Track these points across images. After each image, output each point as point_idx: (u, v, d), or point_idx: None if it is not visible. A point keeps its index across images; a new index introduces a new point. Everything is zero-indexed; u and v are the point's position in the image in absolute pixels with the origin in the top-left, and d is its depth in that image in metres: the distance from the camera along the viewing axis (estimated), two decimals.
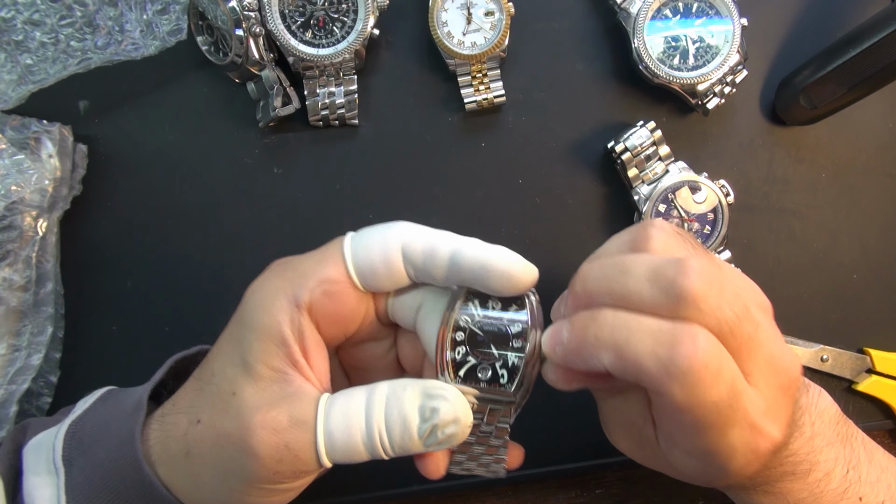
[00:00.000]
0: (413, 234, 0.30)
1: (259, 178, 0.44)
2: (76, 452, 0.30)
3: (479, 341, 0.29)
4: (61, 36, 0.40)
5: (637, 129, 0.43)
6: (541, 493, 0.46)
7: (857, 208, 0.46)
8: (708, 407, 0.26)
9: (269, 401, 0.28)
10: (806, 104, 0.43)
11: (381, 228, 0.30)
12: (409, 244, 0.30)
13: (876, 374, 0.46)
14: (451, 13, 0.42)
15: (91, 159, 0.43)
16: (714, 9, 0.42)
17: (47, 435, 0.32)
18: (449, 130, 0.45)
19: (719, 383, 0.25)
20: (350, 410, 0.28)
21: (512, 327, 0.29)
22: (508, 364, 0.29)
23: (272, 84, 0.42)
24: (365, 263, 0.30)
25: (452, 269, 0.29)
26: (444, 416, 0.28)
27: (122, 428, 0.30)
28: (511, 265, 0.29)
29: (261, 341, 0.29)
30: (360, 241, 0.30)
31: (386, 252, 0.30)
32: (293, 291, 0.29)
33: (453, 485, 0.45)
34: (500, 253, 0.29)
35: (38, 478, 0.30)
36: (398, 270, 0.30)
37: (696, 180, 0.43)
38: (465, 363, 0.29)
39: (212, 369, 0.30)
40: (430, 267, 0.29)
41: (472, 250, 0.29)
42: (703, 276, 0.26)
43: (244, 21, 0.40)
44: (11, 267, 0.40)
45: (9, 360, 0.40)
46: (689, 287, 0.26)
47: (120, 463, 0.29)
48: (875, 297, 0.46)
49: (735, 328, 0.26)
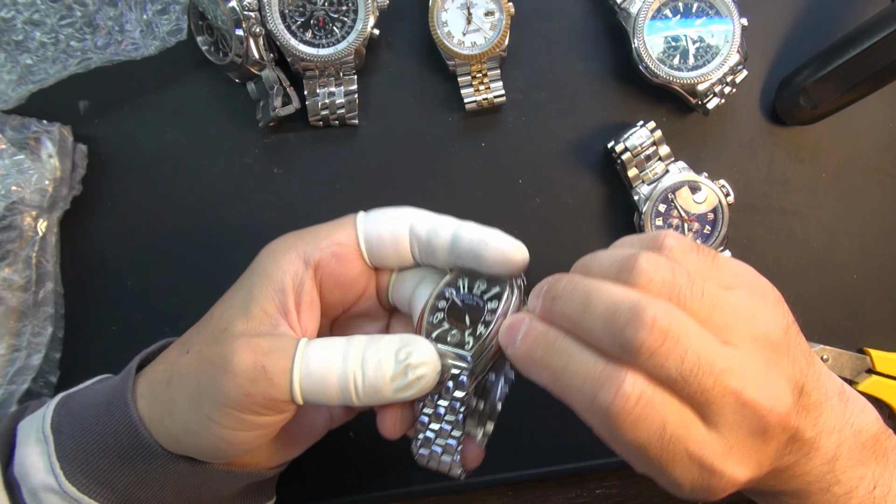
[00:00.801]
0: (420, 216, 0.33)
1: (259, 178, 0.44)
2: (65, 420, 0.32)
3: (458, 311, 0.32)
4: (61, 36, 0.40)
5: (637, 129, 0.43)
6: (541, 493, 0.46)
7: (857, 208, 0.46)
8: (634, 447, 0.27)
9: (255, 332, 0.30)
10: (806, 104, 0.43)
11: (391, 209, 0.34)
12: (415, 224, 0.33)
13: (876, 374, 0.46)
14: (451, 13, 0.42)
15: (91, 159, 0.43)
16: (714, 9, 0.42)
17: (40, 410, 0.33)
18: (449, 130, 0.45)
19: (641, 428, 0.26)
20: (329, 350, 0.30)
21: (488, 304, 0.32)
22: (476, 333, 0.31)
23: (272, 84, 0.42)
24: (374, 236, 0.33)
25: (453, 247, 0.32)
26: (416, 357, 0.30)
27: (111, 388, 0.32)
28: (503, 244, 0.31)
29: (262, 286, 0.31)
30: (371, 217, 0.33)
31: (394, 228, 0.33)
32: (304, 248, 0.32)
33: (453, 485, 0.45)
34: (494, 234, 0.32)
35: (28, 447, 0.31)
36: (403, 248, 0.33)
37: (696, 180, 0.43)
38: (439, 326, 0.32)
39: (212, 312, 0.33)
40: (433, 246, 0.32)
41: (470, 231, 0.32)
42: (654, 329, 0.26)
43: (244, 21, 0.40)
44: (11, 267, 0.40)
45: (9, 360, 0.40)
46: (634, 339, 0.26)
47: (110, 415, 0.31)
48: (875, 297, 0.46)
49: (683, 383, 0.26)
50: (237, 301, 0.32)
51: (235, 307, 0.31)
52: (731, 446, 0.27)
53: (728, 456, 0.27)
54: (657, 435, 0.26)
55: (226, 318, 0.31)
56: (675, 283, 0.27)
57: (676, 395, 0.26)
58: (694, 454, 0.27)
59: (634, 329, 0.26)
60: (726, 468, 0.27)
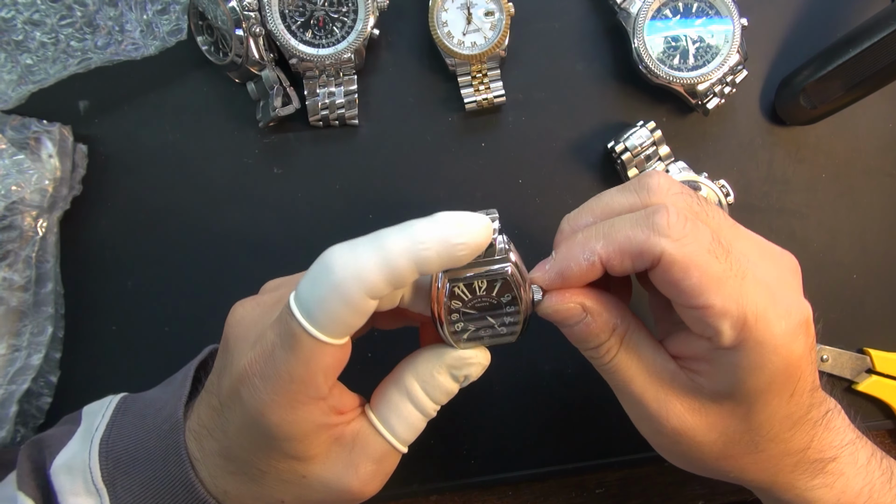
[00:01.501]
0: (361, 270, 0.27)
1: (259, 178, 0.44)
2: (116, 472, 0.31)
3: (476, 318, 0.31)
4: (61, 36, 0.40)
5: (637, 129, 0.43)
6: (541, 493, 0.46)
7: (857, 208, 0.46)
8: (708, 259, 0.28)
9: (344, 465, 0.31)
10: (806, 104, 0.43)
11: (323, 281, 0.27)
12: (369, 285, 0.27)
13: (876, 374, 0.46)
14: (451, 13, 0.42)
15: (91, 159, 0.43)
16: (714, 9, 0.42)
17: (75, 455, 0.32)
18: (449, 130, 0.45)
19: (704, 232, 0.28)
20: (406, 416, 0.32)
21: (503, 298, 0.31)
22: (506, 323, 0.31)
23: (272, 84, 0.42)
24: (338, 328, 0.28)
25: (422, 273, 0.28)
26: (475, 375, 0.32)
27: (163, 447, 0.31)
28: (467, 238, 0.27)
29: (302, 441, 0.30)
30: (316, 314, 0.27)
31: (351, 306, 0.27)
32: (299, 409, 0.29)
33: (453, 485, 0.45)
34: (449, 229, 0.27)
35: (79, 498, 0.31)
36: (370, 309, 0.28)
37: (696, 180, 0.43)
38: (466, 331, 0.31)
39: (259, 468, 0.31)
40: (399, 285, 0.28)
41: (433, 249, 0.27)
42: (664, 175, 0.31)
43: (244, 21, 0.40)
44: (11, 267, 0.40)
45: (9, 360, 0.40)
46: (654, 181, 0.30)
47: (169, 482, 0.31)
48: (875, 297, 0.46)
49: (701, 209, 0.30)
50: (279, 455, 0.30)
51: (287, 459, 0.30)
52: (775, 278, 0.29)
53: (780, 283, 0.29)
54: (716, 241, 0.28)
55: (284, 469, 0.30)
56: (689, 203, 0.30)
57: None
58: (754, 273, 0.28)
59: (650, 177, 0.30)
60: (786, 295, 0.29)
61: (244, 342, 0.30)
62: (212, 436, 0.31)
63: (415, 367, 0.32)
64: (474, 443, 0.45)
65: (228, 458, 0.31)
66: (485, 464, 0.45)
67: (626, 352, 0.31)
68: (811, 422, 0.31)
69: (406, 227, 0.27)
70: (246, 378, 0.29)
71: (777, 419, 0.30)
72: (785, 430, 0.30)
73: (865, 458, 0.32)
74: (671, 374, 0.31)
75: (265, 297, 0.32)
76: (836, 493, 0.31)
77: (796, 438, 0.30)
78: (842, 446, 0.32)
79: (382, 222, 0.44)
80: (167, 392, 0.34)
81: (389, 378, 0.33)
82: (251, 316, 0.31)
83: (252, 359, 0.29)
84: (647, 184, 0.30)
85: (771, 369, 0.28)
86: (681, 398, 0.30)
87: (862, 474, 0.32)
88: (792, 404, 0.29)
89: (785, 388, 0.29)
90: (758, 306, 0.27)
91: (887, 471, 0.33)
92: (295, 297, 0.28)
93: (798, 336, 0.28)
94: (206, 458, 0.31)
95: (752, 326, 0.27)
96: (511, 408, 0.45)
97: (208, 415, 0.31)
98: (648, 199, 0.30)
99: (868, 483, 0.32)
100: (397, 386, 0.32)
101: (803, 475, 0.32)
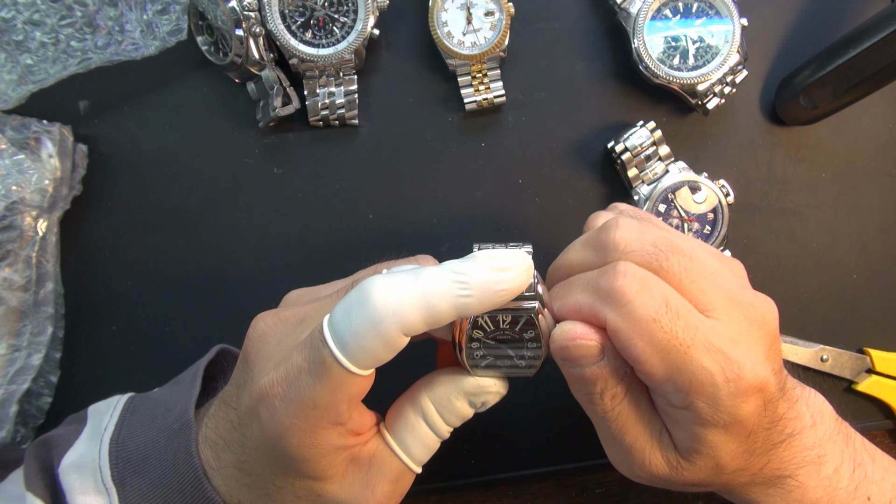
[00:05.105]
0: (401, 308, 0.27)
1: (259, 178, 0.44)
2: (126, 472, 0.31)
3: (496, 349, 0.31)
4: (61, 36, 0.40)
5: (637, 129, 0.43)
6: (541, 493, 0.46)
7: (857, 208, 0.46)
8: (652, 328, 0.27)
9: (361, 486, 0.31)
10: (806, 104, 0.43)
11: (361, 313, 0.27)
12: (406, 324, 0.27)
13: (876, 374, 0.46)
14: (451, 13, 0.42)
15: (91, 159, 0.43)
16: (714, 9, 0.42)
17: (84, 455, 0.32)
18: (449, 130, 0.45)
19: (650, 298, 0.27)
20: (422, 438, 0.32)
21: (525, 334, 0.30)
22: (526, 357, 0.31)
23: (272, 84, 0.42)
24: (369, 361, 0.28)
25: (460, 316, 0.28)
26: (491, 403, 0.33)
27: (173, 447, 0.31)
28: (509, 284, 0.27)
29: (319, 462, 0.29)
30: (350, 346, 0.27)
31: (386, 342, 0.27)
32: (329, 433, 0.29)
33: (453, 485, 0.45)
34: (491, 275, 0.27)
35: (88, 497, 0.31)
36: (402, 345, 0.28)
37: (696, 180, 0.43)
38: (485, 359, 0.31)
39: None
40: (436, 326, 0.28)
41: (475, 295, 0.27)
42: (626, 225, 0.30)
43: (244, 21, 0.40)
44: (11, 267, 0.40)
45: (9, 360, 0.40)
46: (611, 237, 0.30)
47: (179, 481, 0.31)
48: (875, 297, 0.46)
49: (664, 261, 0.29)
50: (299, 477, 0.30)
51: (307, 478, 0.30)
52: (737, 333, 0.28)
53: (738, 343, 0.28)
54: (662, 306, 0.27)
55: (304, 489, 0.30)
56: (650, 255, 0.29)
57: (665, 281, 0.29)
58: (706, 338, 0.27)
59: (608, 232, 0.30)
60: (740, 357, 0.28)
61: (267, 360, 0.29)
62: (229, 448, 0.31)
63: (432, 389, 0.32)
64: (474, 443, 0.45)
65: (245, 471, 0.30)
66: (485, 464, 0.45)
67: (630, 401, 0.30)
68: (766, 449, 0.30)
69: (447, 269, 0.27)
70: (266, 399, 0.28)
71: (730, 458, 0.30)
72: (740, 462, 0.30)
73: (832, 468, 0.32)
74: (660, 429, 0.31)
75: (288, 312, 0.31)
76: (790, 500, 0.32)
77: (752, 463, 0.30)
78: (802, 465, 0.31)
79: (382, 222, 0.45)
80: (175, 392, 0.34)
81: (405, 398, 0.33)
82: (274, 333, 0.30)
83: (274, 380, 0.28)
84: (604, 241, 0.30)
85: (722, 424, 0.28)
86: (663, 452, 0.30)
87: (824, 484, 0.31)
88: (747, 442, 0.29)
89: (738, 436, 0.29)
90: (703, 373, 0.27)
91: (858, 479, 0.32)
92: (329, 323, 0.28)
93: (747, 399, 0.28)
94: (222, 468, 0.31)
95: (698, 391, 0.27)
96: (511, 408, 0.45)
97: (226, 427, 0.31)
98: (605, 258, 0.30)
99: (829, 493, 0.32)
100: (413, 407, 0.32)
101: (756, 487, 0.32)
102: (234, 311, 0.34)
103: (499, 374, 0.32)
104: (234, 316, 0.34)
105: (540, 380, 0.45)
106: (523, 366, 0.32)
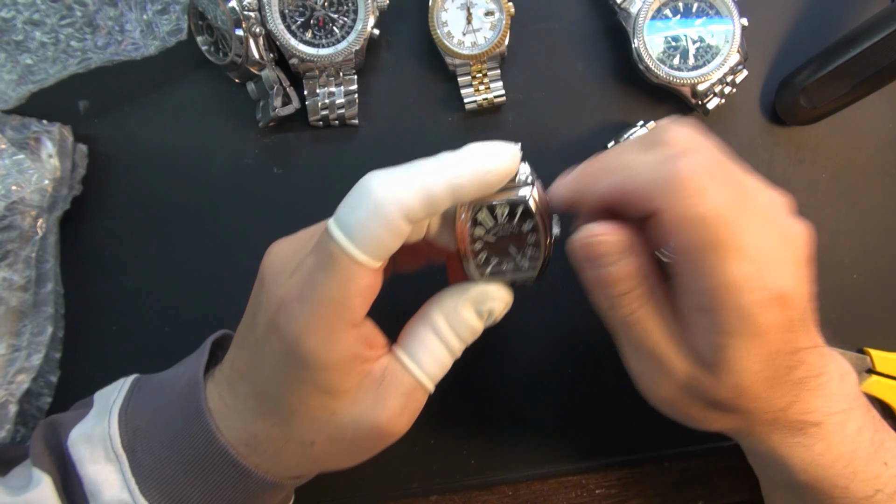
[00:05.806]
0: (400, 192, 0.28)
1: (259, 178, 0.44)
2: (136, 438, 0.32)
3: (498, 248, 0.32)
4: (61, 36, 0.40)
5: (637, 129, 0.43)
6: (541, 493, 0.46)
7: (857, 208, 0.46)
8: (716, 223, 0.27)
9: (373, 400, 0.31)
10: (806, 104, 0.43)
11: (363, 203, 0.28)
12: (408, 208, 0.28)
13: (876, 374, 0.46)
14: (451, 13, 0.42)
15: (91, 159, 0.43)
16: (714, 9, 0.42)
17: (94, 427, 0.33)
18: (449, 130, 0.45)
19: (722, 193, 0.27)
20: (433, 351, 0.32)
21: (524, 225, 0.31)
22: (528, 255, 0.32)
23: (272, 84, 0.42)
24: (376, 249, 0.29)
25: (456, 201, 0.29)
26: (498, 311, 0.33)
27: (183, 407, 0.32)
28: (494, 165, 0.29)
29: (336, 371, 0.30)
30: (356, 234, 0.28)
31: (389, 227, 0.28)
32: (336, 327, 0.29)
33: (453, 485, 0.45)
34: (481, 158, 0.29)
35: (99, 465, 0.31)
36: (406, 232, 0.29)
37: None
38: (489, 263, 0.32)
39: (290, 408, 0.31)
40: (434, 212, 0.29)
41: (466, 176, 0.29)
42: (687, 124, 0.30)
43: (244, 21, 0.40)
44: (11, 267, 0.40)
45: (9, 360, 0.40)
46: (672, 133, 0.29)
47: (190, 437, 0.31)
48: (875, 297, 0.46)
49: (719, 177, 0.28)
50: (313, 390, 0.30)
51: (321, 393, 0.30)
52: (768, 249, 0.28)
53: (767, 255, 0.28)
54: (728, 205, 0.27)
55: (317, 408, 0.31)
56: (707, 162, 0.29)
57: None
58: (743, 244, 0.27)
59: (667, 131, 0.30)
60: (767, 267, 0.28)
61: (281, 275, 0.30)
62: (245, 378, 0.31)
63: (440, 302, 0.33)
64: (474, 443, 0.45)
65: (261, 397, 0.31)
66: (485, 464, 0.45)
67: (652, 305, 0.30)
68: (790, 383, 0.30)
69: (441, 158, 0.29)
70: (283, 305, 0.29)
71: (751, 378, 0.29)
72: (762, 389, 0.30)
73: (856, 427, 0.32)
74: (682, 337, 0.30)
75: (299, 233, 0.33)
76: (813, 454, 0.31)
77: (774, 398, 0.30)
78: (830, 413, 0.31)
79: None
80: (182, 367, 0.35)
81: (416, 315, 0.33)
82: (287, 251, 0.32)
83: (290, 286, 0.29)
84: (663, 138, 0.30)
85: (744, 335, 0.28)
86: (685, 360, 0.30)
87: (847, 442, 0.31)
88: (767, 366, 0.29)
89: (759, 354, 0.29)
90: (733, 276, 0.27)
91: (878, 443, 0.32)
92: (334, 220, 0.29)
93: (769, 308, 0.28)
94: (237, 403, 0.31)
95: (724, 295, 0.28)
96: (511, 408, 0.45)
97: (242, 358, 0.32)
98: (665, 153, 0.29)
99: (851, 451, 0.31)
100: (424, 322, 0.32)
101: (780, 432, 0.31)
102: (235, 311, 0.34)
103: (503, 281, 0.33)
104: (235, 316, 0.34)
105: (540, 380, 0.45)
106: (527, 267, 0.32)
